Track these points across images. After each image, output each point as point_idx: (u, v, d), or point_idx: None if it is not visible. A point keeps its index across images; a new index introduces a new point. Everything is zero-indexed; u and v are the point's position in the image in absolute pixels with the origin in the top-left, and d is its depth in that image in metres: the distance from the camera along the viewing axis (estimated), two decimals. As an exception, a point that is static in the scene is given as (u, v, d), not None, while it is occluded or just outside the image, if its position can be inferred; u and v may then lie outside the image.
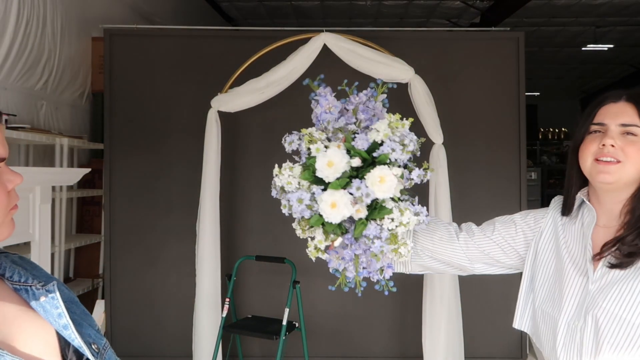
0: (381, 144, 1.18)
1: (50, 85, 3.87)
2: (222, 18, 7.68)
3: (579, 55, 9.96)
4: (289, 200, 1.22)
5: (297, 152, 1.28)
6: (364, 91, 1.30)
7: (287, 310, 3.05)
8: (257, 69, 3.22)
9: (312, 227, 1.24)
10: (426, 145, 3.20)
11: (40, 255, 2.55)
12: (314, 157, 1.19)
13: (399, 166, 1.18)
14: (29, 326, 0.81)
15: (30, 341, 0.79)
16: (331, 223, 1.18)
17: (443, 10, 7.43)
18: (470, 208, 3.51)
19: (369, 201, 1.15)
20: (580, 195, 1.25)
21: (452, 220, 3.11)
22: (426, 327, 3.19)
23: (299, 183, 1.21)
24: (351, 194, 1.15)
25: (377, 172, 1.14)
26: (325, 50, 3.15)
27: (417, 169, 1.21)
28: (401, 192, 1.20)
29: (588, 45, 9.14)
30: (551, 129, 12.45)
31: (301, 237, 1.33)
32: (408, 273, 1.43)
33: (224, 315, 3.16)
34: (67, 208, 4.07)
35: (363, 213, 1.17)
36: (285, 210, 1.26)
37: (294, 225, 1.34)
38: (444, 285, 3.14)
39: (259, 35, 3.94)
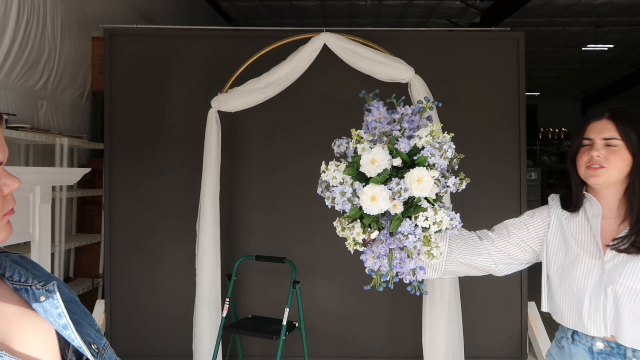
0: (422, 149, 1.35)
1: (50, 85, 3.87)
2: (222, 18, 7.68)
3: (579, 55, 9.96)
4: (332, 192, 1.36)
5: (344, 155, 1.48)
6: (412, 106, 1.51)
7: (287, 310, 3.05)
8: (257, 69, 3.21)
9: (351, 223, 1.36)
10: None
11: (40, 255, 2.55)
12: (359, 156, 1.35)
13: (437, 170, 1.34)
14: (29, 326, 0.81)
15: (29, 341, 0.79)
16: (369, 215, 1.30)
17: (443, 10, 7.43)
18: (470, 208, 3.50)
19: (406, 196, 1.28)
20: (587, 194, 1.53)
21: (452, 220, 3.12)
22: (426, 327, 3.19)
23: (342, 179, 1.37)
24: (390, 189, 1.29)
25: (416, 172, 1.30)
26: (326, 50, 3.15)
27: (453, 177, 1.38)
28: (437, 198, 1.35)
29: (588, 45, 9.14)
30: (551, 129, 12.46)
31: (340, 235, 1.45)
32: (438, 277, 1.62)
33: (224, 315, 3.16)
34: (67, 208, 4.08)
35: (399, 209, 1.30)
36: (328, 202, 1.39)
37: (335, 223, 1.45)
38: (444, 285, 3.14)
39: (259, 35, 3.94)
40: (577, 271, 1.49)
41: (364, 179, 1.33)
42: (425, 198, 1.32)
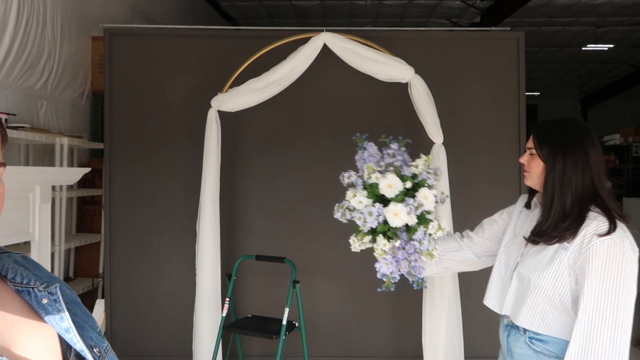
0: (419, 175, 1.82)
1: (50, 84, 3.87)
2: (222, 18, 7.68)
3: (579, 55, 9.96)
4: (362, 213, 1.76)
5: (351, 184, 1.86)
6: (394, 145, 1.94)
7: (287, 310, 3.05)
8: (257, 68, 3.21)
9: (369, 236, 1.77)
10: (426, 145, 3.20)
11: (40, 255, 2.55)
12: (374, 183, 1.78)
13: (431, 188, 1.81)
14: (31, 329, 0.80)
15: (31, 344, 0.79)
16: (394, 227, 1.72)
17: (443, 10, 7.43)
18: (470, 207, 3.51)
19: (419, 212, 1.74)
20: (535, 200, 1.76)
21: (453, 218, 3.16)
22: (426, 326, 3.19)
23: (366, 203, 1.77)
24: (408, 205, 1.72)
25: (424, 191, 1.78)
26: (325, 50, 3.15)
27: (439, 193, 1.84)
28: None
29: (588, 45, 9.14)
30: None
31: (357, 250, 1.86)
32: (434, 275, 1.99)
33: (224, 314, 3.16)
34: (67, 208, 4.08)
35: (414, 221, 1.74)
36: (360, 222, 1.78)
37: (351, 240, 1.85)
38: (444, 285, 3.14)
39: (259, 35, 3.94)
40: (503, 257, 1.79)
41: (380, 200, 1.74)
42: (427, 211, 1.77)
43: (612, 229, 1.52)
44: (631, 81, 11.56)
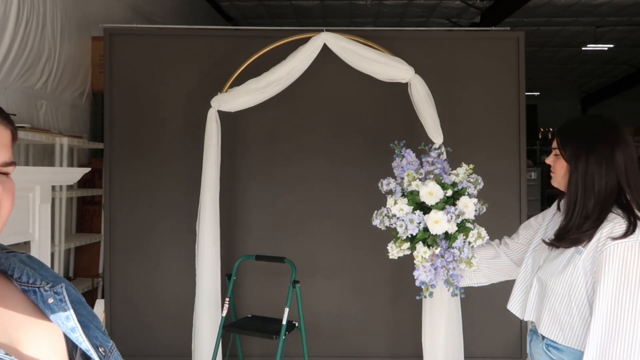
0: (459, 183, 1.84)
1: (50, 84, 3.87)
2: (222, 18, 7.68)
3: (579, 55, 9.96)
4: (403, 220, 1.76)
5: (390, 192, 1.87)
6: (433, 153, 1.95)
7: (286, 310, 3.05)
8: (257, 68, 3.21)
9: (407, 244, 1.78)
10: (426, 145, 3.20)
11: (40, 255, 2.55)
12: (415, 190, 1.79)
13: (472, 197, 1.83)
14: (37, 328, 0.80)
15: (37, 344, 0.79)
16: (434, 235, 1.73)
17: (443, 10, 7.43)
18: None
19: (460, 220, 1.75)
20: (562, 202, 1.68)
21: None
22: (426, 327, 3.18)
23: (407, 210, 1.78)
24: (449, 213, 1.73)
25: (464, 199, 1.79)
26: (325, 50, 3.15)
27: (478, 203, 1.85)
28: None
29: (588, 45, 9.14)
30: (551, 129, 12.46)
31: (395, 258, 1.85)
32: (475, 284, 1.99)
33: (224, 314, 3.16)
34: (67, 208, 4.08)
35: (454, 229, 1.75)
36: (401, 230, 1.78)
37: (389, 247, 1.85)
38: (444, 285, 3.13)
39: (259, 35, 3.94)
40: (530, 260, 1.73)
41: (420, 208, 1.76)
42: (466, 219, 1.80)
43: (630, 231, 1.42)
44: (631, 81, 11.56)
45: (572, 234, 1.52)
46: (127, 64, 3.75)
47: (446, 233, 1.75)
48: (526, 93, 3.85)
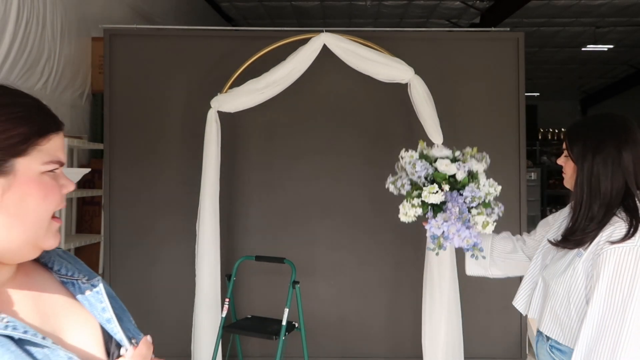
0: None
1: (50, 85, 3.87)
2: (222, 18, 7.68)
3: (579, 55, 9.95)
4: (414, 166, 1.77)
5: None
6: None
7: (286, 311, 3.05)
8: (257, 69, 3.22)
9: (418, 198, 1.74)
10: (426, 145, 3.20)
11: (40, 255, 2.55)
12: (428, 156, 1.86)
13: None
14: (77, 319, 0.84)
15: (77, 333, 0.83)
16: (443, 174, 1.77)
17: (443, 10, 7.43)
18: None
19: (466, 170, 1.81)
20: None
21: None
22: (426, 327, 3.18)
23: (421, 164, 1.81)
24: (457, 168, 1.80)
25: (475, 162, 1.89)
26: (325, 50, 3.15)
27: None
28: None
29: (588, 46, 9.13)
30: (551, 130, 12.45)
31: (407, 220, 1.79)
32: (490, 276, 1.97)
33: (224, 315, 3.16)
34: (67, 208, 4.07)
35: (463, 176, 1.78)
36: (409, 167, 1.80)
37: (400, 206, 1.79)
38: (444, 285, 3.13)
39: (259, 35, 3.94)
40: (540, 258, 1.72)
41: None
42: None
43: (629, 235, 1.40)
44: (631, 82, 11.55)
45: (576, 236, 1.51)
46: (126, 65, 3.75)
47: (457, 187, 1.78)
48: (526, 93, 3.85)
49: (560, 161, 1.66)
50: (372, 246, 3.77)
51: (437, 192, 1.71)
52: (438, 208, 1.72)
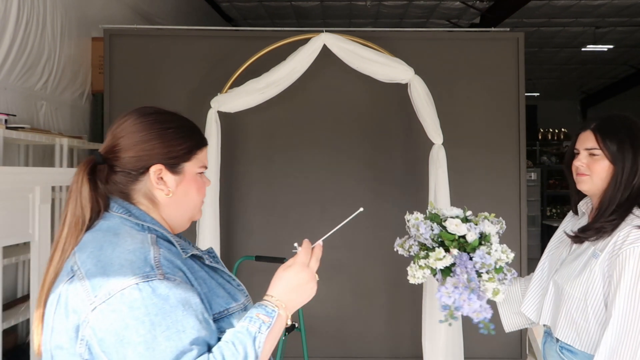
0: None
1: (50, 85, 3.87)
2: (222, 18, 7.68)
3: (579, 55, 9.95)
4: (418, 229, 1.68)
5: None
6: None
7: (286, 311, 3.05)
8: (257, 69, 3.22)
9: (426, 259, 1.66)
10: (426, 146, 3.20)
11: (40, 255, 2.55)
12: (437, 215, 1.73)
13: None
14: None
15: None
16: (452, 235, 1.63)
17: (443, 10, 7.43)
18: (470, 208, 3.51)
19: (478, 232, 1.63)
20: (583, 208, 1.65)
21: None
22: (426, 327, 3.18)
23: (430, 225, 1.69)
24: (468, 228, 1.65)
25: (487, 224, 1.68)
26: (325, 50, 3.15)
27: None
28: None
29: (588, 46, 9.13)
30: (551, 130, 12.45)
31: (415, 282, 1.73)
32: (518, 327, 1.84)
33: (224, 315, 3.16)
34: (67, 208, 4.06)
35: (473, 237, 1.61)
36: (413, 230, 1.70)
37: (408, 268, 1.73)
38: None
39: (259, 36, 3.94)
40: (547, 263, 1.69)
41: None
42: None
43: None
44: (631, 82, 11.56)
45: (598, 223, 1.49)
46: (127, 65, 3.76)
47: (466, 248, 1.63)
48: (526, 94, 3.86)
49: (581, 162, 1.57)
50: (372, 246, 3.77)
51: (443, 257, 1.62)
52: (447, 269, 1.63)
